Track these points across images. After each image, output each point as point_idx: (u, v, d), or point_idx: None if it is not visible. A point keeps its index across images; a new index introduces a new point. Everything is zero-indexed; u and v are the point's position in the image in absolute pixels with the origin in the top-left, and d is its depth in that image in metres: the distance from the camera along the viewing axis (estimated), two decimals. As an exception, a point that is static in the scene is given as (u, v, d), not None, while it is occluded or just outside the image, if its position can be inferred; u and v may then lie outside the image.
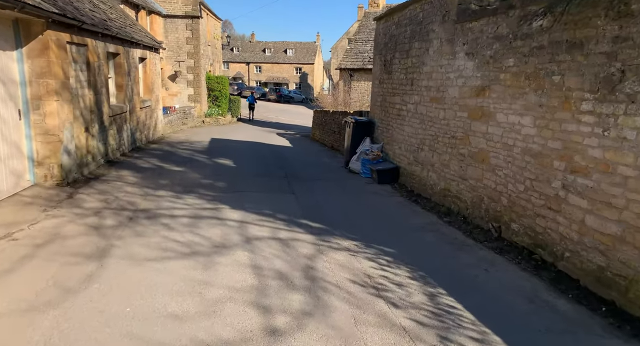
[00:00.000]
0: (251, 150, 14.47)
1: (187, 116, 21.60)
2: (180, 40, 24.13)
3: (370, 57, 22.54)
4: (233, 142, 16.31)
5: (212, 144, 15.10)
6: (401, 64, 9.66)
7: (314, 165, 12.24)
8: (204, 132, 19.95)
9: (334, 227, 6.31)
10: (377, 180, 9.74)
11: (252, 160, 12.22)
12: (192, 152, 12.81)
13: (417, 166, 8.78)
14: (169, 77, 24.35)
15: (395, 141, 9.96)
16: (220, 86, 26.19)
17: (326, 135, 18.14)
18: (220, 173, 9.81)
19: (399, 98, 9.81)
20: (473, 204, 6.65)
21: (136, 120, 13.05)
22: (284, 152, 14.67)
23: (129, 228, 5.81)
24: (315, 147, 17.29)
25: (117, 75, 11.64)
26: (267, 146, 16.17)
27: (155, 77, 15.73)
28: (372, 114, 11.90)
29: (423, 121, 8.50)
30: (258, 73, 62.23)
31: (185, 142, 15.11)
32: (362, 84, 22.68)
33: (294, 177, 10.03)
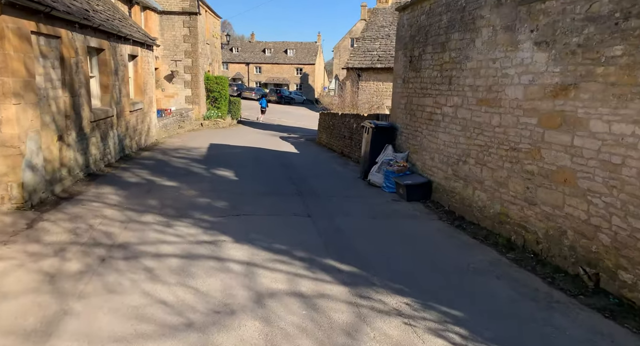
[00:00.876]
0: (254, 158, 12.90)
1: (184, 119, 20.05)
2: (177, 38, 22.57)
3: (379, 55, 21.03)
4: (234, 148, 14.75)
5: (210, 151, 13.54)
6: (434, 59, 8.12)
7: (327, 176, 10.69)
8: (202, 136, 18.38)
9: (370, 270, 4.77)
10: (405, 196, 8.20)
11: (256, 171, 10.65)
12: (188, 161, 11.24)
13: (457, 182, 7.24)
14: (165, 78, 22.78)
15: (426, 150, 8.42)
16: (220, 87, 24.63)
17: (335, 140, 16.59)
18: (220, 189, 8.25)
19: (430, 100, 8.27)
20: (548, 238, 5.10)
21: (125, 125, 11.49)
22: (290, 160, 13.12)
23: (98, 278, 4.25)
24: (323, 153, 15.74)
25: (101, 74, 10.08)
26: (271, 152, 14.62)
27: (149, 76, 14.17)
28: (393, 118, 10.35)
29: (466, 127, 6.96)
30: (258, 74, 60.65)
31: (181, 149, 13.54)
32: (370, 85, 21.16)
33: (307, 193, 8.48)
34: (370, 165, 9.94)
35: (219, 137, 18.63)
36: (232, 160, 11.92)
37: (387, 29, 22.42)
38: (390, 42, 21.61)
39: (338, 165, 12.56)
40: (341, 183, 9.82)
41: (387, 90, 20.81)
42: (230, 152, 13.62)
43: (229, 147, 15.05)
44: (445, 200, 7.63)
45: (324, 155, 14.90)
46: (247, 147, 15.35)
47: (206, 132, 20.83)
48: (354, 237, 5.89)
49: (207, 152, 13.33)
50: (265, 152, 14.64)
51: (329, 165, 12.55)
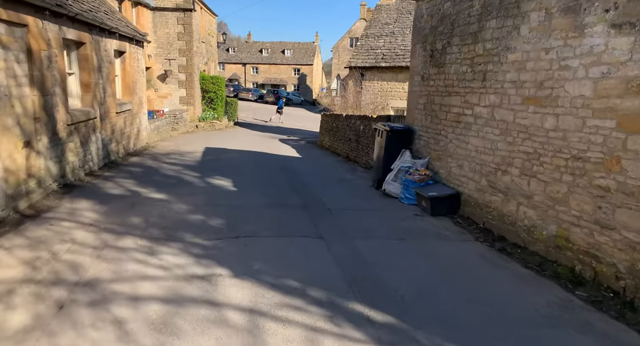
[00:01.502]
0: (254, 164, 11.74)
1: (177, 121, 18.88)
2: (170, 35, 21.40)
3: (384, 53, 19.93)
4: (231, 152, 13.59)
5: (206, 156, 12.38)
6: (463, 52, 7.01)
7: (334, 184, 9.55)
8: (197, 139, 17.22)
9: (410, 318, 3.64)
10: (429, 210, 7.07)
11: (255, 179, 9.49)
12: (181, 168, 10.07)
13: (495, 195, 6.12)
14: (159, 77, 21.60)
15: (452, 157, 7.31)
16: (216, 87, 23.46)
17: (339, 143, 15.47)
18: (215, 203, 7.09)
19: (457, 99, 7.16)
20: (635, 274, 4.00)
21: (110, 128, 10.32)
22: (292, 165, 11.97)
23: (47, 341, 3.11)
24: (327, 157, 14.61)
25: (82, 71, 8.91)
26: (271, 157, 13.48)
27: (138, 75, 13.00)
28: (409, 120, 9.24)
29: (507, 131, 5.85)
30: (255, 74, 59.45)
31: (173, 154, 12.37)
32: (374, 84, 20.06)
33: (315, 205, 7.35)
34: (385, 172, 8.81)
35: (215, 139, 17.46)
36: (229, 166, 10.75)
37: (391, 26, 21.35)
38: (394, 39, 20.54)
39: (345, 171, 11.42)
40: (352, 193, 8.69)
41: (392, 90, 19.73)
42: (227, 157, 12.46)
43: (225, 151, 13.89)
44: (479, 216, 6.51)
45: (328, 160, 13.76)
46: (245, 151, 14.20)
47: (201, 134, 19.66)
48: (381, 267, 4.75)
49: (202, 157, 12.16)
50: (264, 156, 13.49)
51: (335, 171, 11.41)
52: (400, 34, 20.70)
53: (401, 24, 21.24)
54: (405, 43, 20.09)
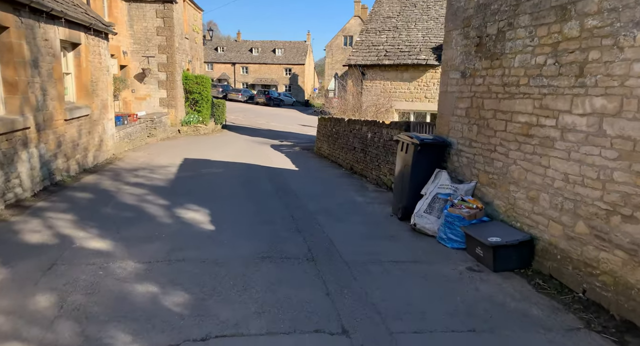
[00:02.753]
0: (241, 182, 9.41)
1: (156, 125, 16.50)
2: (149, 30, 19.00)
3: (386, 50, 17.75)
4: (214, 165, 11.27)
5: (182, 171, 10.05)
6: (538, 36, 4.81)
7: (344, 212, 7.28)
8: (177, 146, 14.87)
9: None
10: (490, 262, 4.87)
11: (242, 208, 7.17)
12: (145, 192, 7.74)
13: (607, 251, 3.94)
14: (136, 77, 19.19)
15: (518, 184, 5.12)
16: (201, 87, 21.09)
17: (340, 152, 13.25)
18: (181, 257, 4.78)
19: (527, 104, 4.96)
20: None
21: (55, 139, 7.97)
22: (288, 182, 9.69)
23: None
24: (327, 169, 12.37)
25: (4, 66, 6.57)
26: (262, 170, 11.19)
27: (101, 73, 10.64)
28: (442, 129, 7.03)
29: (634, 154, 3.69)
30: (245, 74, 56.95)
31: (142, 169, 10.02)
32: (376, 84, 17.88)
33: (324, 255, 5.09)
34: (412, 198, 6.60)
35: (197, 147, 15.13)
36: (209, 188, 8.44)
37: (394, 20, 19.18)
38: (398, 35, 18.38)
39: (353, 190, 9.17)
40: (370, 228, 6.43)
41: (397, 90, 17.57)
42: (209, 173, 10.13)
43: (208, 163, 11.58)
44: (574, 278, 4.31)
45: (329, 173, 11.52)
46: (232, 163, 11.89)
47: (183, 140, 17.30)
48: None
49: (177, 172, 9.82)
50: (254, 169, 11.19)
51: (342, 190, 9.16)
52: (405, 28, 18.54)
53: (405, 17, 19.08)
54: (410, 38, 17.95)
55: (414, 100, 17.24)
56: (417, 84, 17.13)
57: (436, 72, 16.60)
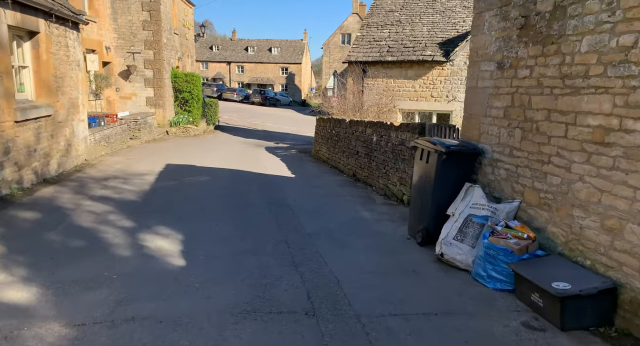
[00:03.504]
0: (227, 194, 8.03)
1: (140, 127, 15.11)
2: (134, 24, 17.61)
3: (389, 46, 16.42)
4: (200, 173, 9.91)
5: (160, 181, 8.68)
6: (618, 8, 3.49)
7: (350, 233, 5.93)
8: (161, 150, 13.50)
9: None
10: (556, 318, 3.53)
11: (225, 230, 5.81)
12: (109, 210, 6.36)
13: None
14: (121, 74, 17.80)
15: (587, 209, 3.80)
16: (191, 86, 19.71)
17: (341, 156, 11.92)
18: (131, 315, 3.40)
19: (605, 103, 3.63)
20: None
21: (1, 145, 6.60)
22: (285, 195, 8.33)
23: None
24: (327, 175, 11.04)
25: None
26: (254, 179, 9.83)
27: (69, 68, 9.26)
28: (470, 133, 5.70)
29: None
30: (240, 73, 55.49)
31: (114, 178, 8.64)
32: (378, 82, 16.56)
33: (331, 305, 3.77)
34: (435, 218, 5.29)
35: (184, 151, 13.76)
36: (188, 203, 7.08)
37: (397, 13, 17.86)
38: (401, 29, 17.06)
39: (359, 203, 7.83)
40: (385, 258, 5.07)
41: (400, 88, 16.25)
42: (192, 183, 8.77)
43: (192, 170, 10.22)
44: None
45: (330, 181, 10.18)
46: (220, 170, 10.53)
47: (171, 143, 15.92)
48: None
49: (155, 183, 8.45)
50: (245, 178, 9.83)
51: (345, 203, 7.81)
52: (409, 22, 17.22)
53: (409, 11, 17.77)
54: (415, 33, 16.64)
55: (419, 100, 15.93)
56: (422, 82, 15.81)
57: (443, 69, 15.31)
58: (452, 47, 15.28)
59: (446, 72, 15.27)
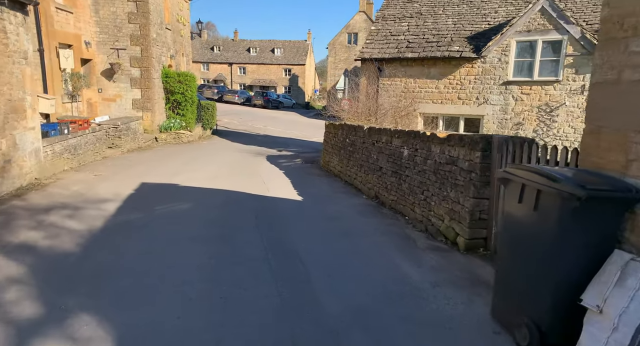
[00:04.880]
0: (207, 239, 5.53)
1: (122, 133, 12.82)
2: (118, 16, 15.34)
3: (409, 41, 14.11)
4: (180, 198, 7.57)
5: (120, 214, 6.30)
6: None
7: (402, 320, 3.62)
8: (142, 162, 11.20)
9: None
10: None
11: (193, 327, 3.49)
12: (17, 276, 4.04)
13: None
14: (103, 73, 15.53)
15: None
16: (184, 87, 17.42)
17: (358, 171, 9.60)
18: None
19: None
20: None
21: None
22: (288, 231, 5.99)
23: None
24: (343, 197, 8.72)
25: None
26: (250, 205, 7.48)
27: (7, 61, 6.97)
28: (602, 160, 3.36)
29: None
30: (242, 75, 53.21)
31: (61, 208, 6.32)
32: (396, 82, 14.24)
33: None
34: (555, 308, 2.97)
35: (170, 163, 11.45)
36: (145, 258, 4.72)
37: (416, 4, 15.54)
38: (422, 22, 14.74)
39: (395, 247, 5.48)
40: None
41: (422, 90, 13.93)
42: (163, 215, 6.41)
43: (171, 192, 7.89)
44: None
45: (347, 205, 7.85)
46: (207, 192, 8.18)
47: (157, 152, 13.63)
48: None
49: (112, 217, 6.09)
50: (238, 204, 7.48)
51: (376, 248, 5.45)
52: (430, 14, 14.90)
53: (430, 1, 15.44)
54: (438, 26, 14.31)
55: (444, 102, 13.60)
56: (447, 82, 13.49)
57: (473, 67, 12.98)
58: (483, 41, 12.96)
59: (476, 71, 12.95)
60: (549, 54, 11.85)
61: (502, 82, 12.58)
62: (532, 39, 11.97)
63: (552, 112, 11.97)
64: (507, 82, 12.50)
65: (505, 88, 12.59)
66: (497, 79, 12.66)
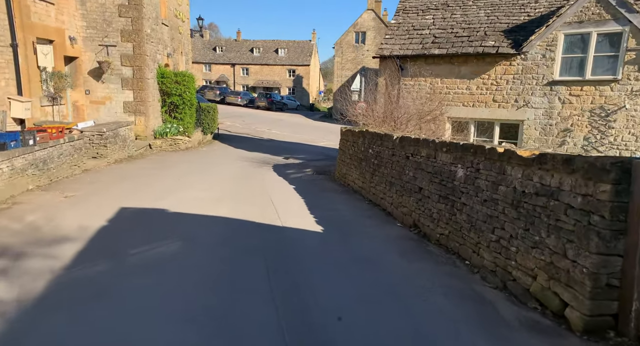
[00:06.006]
0: (196, 316, 3.82)
1: (108, 141, 11.03)
2: (107, 9, 13.58)
3: (435, 35, 12.31)
4: (167, 231, 5.75)
5: (79, 265, 4.47)
6: None
7: None
8: (127, 177, 9.42)
9: None
10: None
11: None
12: None
13: None
14: (91, 73, 13.77)
15: None
16: (182, 88, 15.63)
17: (388, 191, 7.78)
18: None
19: None
20: None
21: None
22: (314, 290, 4.21)
23: None
24: (373, 224, 6.90)
25: None
26: (256, 242, 5.66)
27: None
28: None
29: None
30: (245, 76, 51.41)
31: (-3, 254, 4.57)
32: (420, 83, 12.42)
33: None
34: None
35: (161, 177, 9.65)
36: None
37: (442, -6, 13.70)
38: (450, 14, 12.92)
39: (471, 321, 3.68)
40: None
41: (450, 91, 12.10)
42: (140, 265, 4.56)
43: (156, 223, 6.08)
44: None
45: (382, 240, 6.02)
46: (203, 222, 6.36)
47: (149, 162, 11.84)
48: None
49: (66, 270, 4.23)
50: (242, 240, 5.65)
51: (445, 326, 3.67)
52: (459, 5, 13.07)
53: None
54: (469, 19, 12.49)
55: (477, 105, 11.77)
56: (481, 82, 11.66)
57: (511, 65, 11.15)
58: (522, 34, 11.14)
59: (515, 69, 11.12)
60: (605, 48, 10.01)
61: (547, 81, 10.74)
62: (585, 32, 10.13)
63: (608, 116, 10.13)
64: (553, 81, 10.66)
65: (550, 89, 10.76)
66: (540, 78, 10.83)
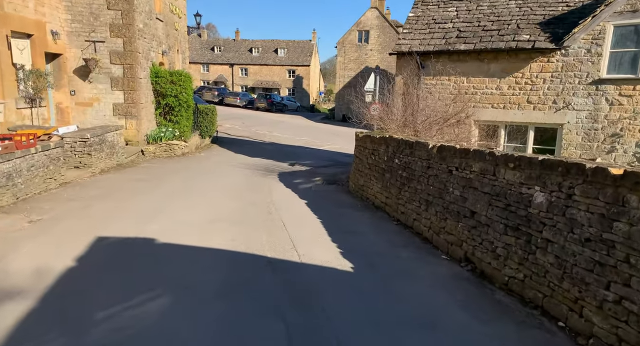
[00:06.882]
0: None
1: (93, 149, 9.58)
2: (95, 1, 12.14)
3: (459, 30, 10.94)
4: (148, 283, 4.31)
5: None
6: None
7: None
8: (112, 193, 7.97)
9: None
10: None
11: None
12: None
13: None
14: (77, 72, 12.32)
15: None
16: (178, 88, 14.19)
17: (422, 210, 6.37)
18: None
19: None
20: None
21: None
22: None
23: None
24: (414, 259, 5.51)
25: None
26: (271, 290, 4.27)
27: None
28: None
29: None
30: (244, 76, 49.94)
31: None
32: (444, 82, 11.04)
33: None
34: None
35: (151, 192, 8.21)
36: None
37: (464, -15, 12.29)
38: (475, 6, 11.53)
39: None
40: None
41: (478, 91, 10.69)
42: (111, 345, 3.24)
43: (139, 264, 4.67)
44: None
45: (429, 281, 4.63)
46: (197, 260, 4.95)
47: (140, 173, 10.39)
48: None
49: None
50: (251, 291, 4.28)
51: None
52: (485, -5, 11.68)
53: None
54: (498, 10, 11.10)
55: (509, 107, 10.38)
56: (513, 81, 10.27)
57: (549, 62, 9.76)
58: (562, 27, 9.76)
59: (554, 66, 9.73)
60: (664, 42, 8.65)
61: (592, 80, 9.36)
62: (639, 22, 8.76)
63: (666, 120, 8.77)
64: (599, 80, 9.28)
65: (595, 89, 9.38)
66: (583, 77, 9.45)
